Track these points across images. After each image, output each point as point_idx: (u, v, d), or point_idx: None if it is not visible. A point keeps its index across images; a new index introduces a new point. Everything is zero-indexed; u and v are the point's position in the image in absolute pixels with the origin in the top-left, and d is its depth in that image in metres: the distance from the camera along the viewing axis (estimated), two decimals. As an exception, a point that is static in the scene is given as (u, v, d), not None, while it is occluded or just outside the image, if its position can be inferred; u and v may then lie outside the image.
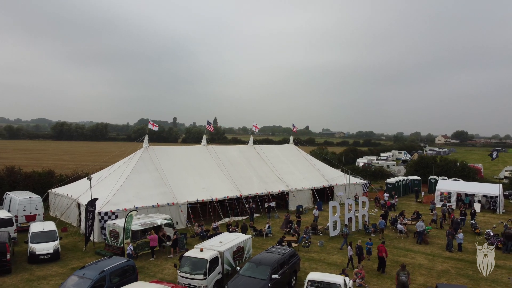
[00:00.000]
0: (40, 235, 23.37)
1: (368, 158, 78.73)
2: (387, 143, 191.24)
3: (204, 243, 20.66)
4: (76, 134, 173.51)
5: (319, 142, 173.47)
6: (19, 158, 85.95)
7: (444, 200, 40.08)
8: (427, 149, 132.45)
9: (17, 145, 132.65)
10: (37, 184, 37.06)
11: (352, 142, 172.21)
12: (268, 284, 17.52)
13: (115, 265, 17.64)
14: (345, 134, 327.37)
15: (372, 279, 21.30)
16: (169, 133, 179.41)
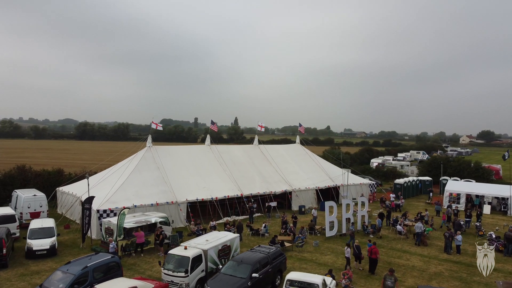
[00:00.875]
0: (38, 232, 24.13)
1: (382, 159, 77.57)
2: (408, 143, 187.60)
3: (191, 241, 20.92)
4: (98, 134, 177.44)
5: (338, 142, 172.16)
6: (40, 157, 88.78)
7: (450, 202, 39.15)
8: (449, 150, 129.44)
9: (41, 144, 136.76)
10: (46, 182, 38.21)
11: (372, 142, 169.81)
12: (248, 283, 17.61)
13: (99, 261, 18.09)
14: (366, 134, 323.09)
15: (360, 280, 21.09)
16: (189, 133, 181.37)
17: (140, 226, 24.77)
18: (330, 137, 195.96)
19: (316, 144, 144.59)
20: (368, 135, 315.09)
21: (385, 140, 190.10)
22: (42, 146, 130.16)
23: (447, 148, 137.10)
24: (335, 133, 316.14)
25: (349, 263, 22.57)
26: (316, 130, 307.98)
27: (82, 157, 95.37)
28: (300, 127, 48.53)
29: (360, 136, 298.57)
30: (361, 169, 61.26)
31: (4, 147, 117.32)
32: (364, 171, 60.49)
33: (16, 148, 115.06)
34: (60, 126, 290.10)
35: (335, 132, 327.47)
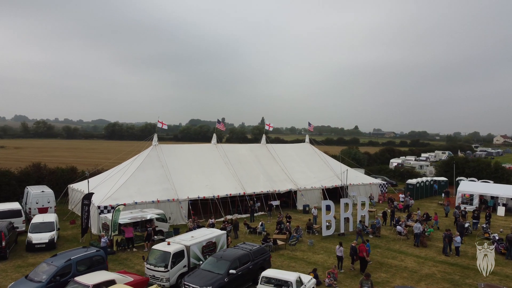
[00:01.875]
0: (39, 226, 25.18)
1: (402, 159, 75.86)
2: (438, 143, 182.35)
3: (176, 237, 21.30)
4: (126, 134, 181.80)
5: (363, 142, 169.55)
6: (67, 156, 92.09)
7: (459, 203, 37.94)
8: (478, 150, 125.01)
9: (71, 144, 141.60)
10: (60, 179, 39.68)
11: (398, 142, 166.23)
12: (224, 279, 17.78)
13: (83, 254, 18.75)
14: (396, 134, 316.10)
15: (346, 280, 20.86)
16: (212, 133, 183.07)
17: (134, 222, 25.39)
18: (355, 137, 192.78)
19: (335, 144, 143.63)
20: (397, 135, 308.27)
21: (412, 140, 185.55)
22: (71, 145, 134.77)
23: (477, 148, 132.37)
24: (363, 133, 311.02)
25: (341, 262, 22.34)
26: (344, 130, 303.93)
27: (107, 156, 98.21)
28: (309, 126, 48.23)
29: (388, 136, 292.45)
30: (378, 169, 60.24)
31: (36, 146, 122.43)
32: (381, 171, 59.46)
33: (47, 147, 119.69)
34: (92, 126, 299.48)
35: (363, 132, 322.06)
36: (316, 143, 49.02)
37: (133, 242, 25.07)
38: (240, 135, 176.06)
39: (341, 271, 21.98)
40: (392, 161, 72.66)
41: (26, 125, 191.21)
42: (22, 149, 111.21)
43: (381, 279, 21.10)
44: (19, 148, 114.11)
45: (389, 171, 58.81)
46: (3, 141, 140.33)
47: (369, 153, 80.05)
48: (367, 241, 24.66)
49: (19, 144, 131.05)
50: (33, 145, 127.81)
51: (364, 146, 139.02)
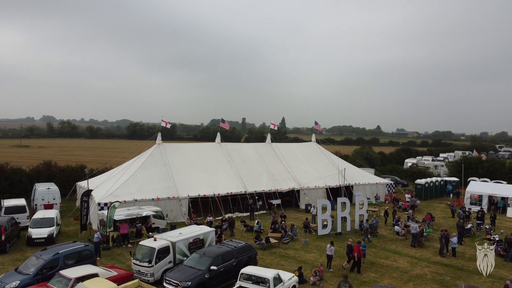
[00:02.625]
0: (39, 221, 26.04)
1: (418, 159, 74.43)
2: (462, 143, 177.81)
3: (163, 234, 21.70)
4: (147, 134, 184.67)
5: (383, 142, 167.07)
6: (87, 155, 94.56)
7: (463, 203, 37.01)
8: (502, 150, 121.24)
9: (93, 143, 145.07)
10: (70, 177, 40.83)
11: (420, 142, 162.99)
12: (205, 275, 18.03)
13: (71, 249, 19.38)
14: (419, 134, 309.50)
15: (333, 279, 20.74)
16: (232, 133, 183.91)
17: (130, 218, 25.92)
18: (375, 137, 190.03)
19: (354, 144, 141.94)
20: (420, 135, 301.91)
21: (434, 140, 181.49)
22: (93, 145, 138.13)
23: (501, 148, 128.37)
24: (385, 133, 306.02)
25: (330, 261, 22.23)
26: (365, 130, 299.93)
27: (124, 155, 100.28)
28: (316, 125, 48.01)
29: (411, 136, 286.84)
30: (390, 169, 59.35)
31: (60, 146, 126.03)
32: (392, 171, 58.55)
33: (69, 147, 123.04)
34: (116, 126, 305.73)
35: (385, 132, 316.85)
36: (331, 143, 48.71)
37: (128, 238, 25.62)
38: (259, 134, 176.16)
39: (330, 270, 21.89)
40: (407, 161, 71.39)
41: (52, 125, 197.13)
42: (45, 148, 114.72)
43: (369, 278, 20.92)
44: (42, 147, 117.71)
45: (401, 171, 57.81)
46: (29, 141, 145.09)
47: (384, 153, 78.91)
48: (362, 241, 24.46)
49: (44, 143, 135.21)
50: (57, 145, 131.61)
51: (384, 146, 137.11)
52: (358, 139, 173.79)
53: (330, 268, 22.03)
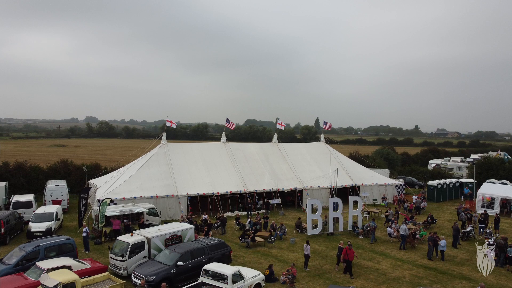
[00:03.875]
0: (40, 216, 27.58)
1: (446, 159, 71.78)
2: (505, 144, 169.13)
3: (142, 230, 22.48)
4: (180, 134, 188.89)
5: (417, 142, 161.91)
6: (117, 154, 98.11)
7: (465, 205, 35.50)
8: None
9: (127, 143, 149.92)
10: (83, 175, 42.71)
11: (456, 143, 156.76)
12: (171, 270, 18.59)
13: (52, 242, 20.55)
14: (460, 134, 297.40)
15: (305, 278, 20.73)
16: (263, 133, 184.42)
17: (122, 215, 26.93)
18: (409, 137, 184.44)
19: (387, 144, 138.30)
20: (462, 136, 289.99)
21: (473, 140, 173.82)
22: (126, 144, 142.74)
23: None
24: (423, 133, 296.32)
25: (307, 260, 22.15)
26: (402, 130, 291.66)
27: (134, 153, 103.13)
28: (325, 125, 47.60)
29: (451, 136, 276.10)
30: (409, 170, 57.77)
31: (95, 145, 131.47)
32: (411, 172, 56.97)
33: (104, 146, 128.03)
34: (153, 127, 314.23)
35: (424, 132, 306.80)
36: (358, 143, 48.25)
37: (120, 234, 26.58)
38: (289, 135, 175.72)
39: (306, 269, 21.81)
40: (431, 162, 69.09)
41: (91, 125, 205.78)
42: (80, 147, 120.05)
43: (343, 279, 20.75)
44: (78, 147, 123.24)
45: (420, 172, 56.08)
46: (68, 141, 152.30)
47: (408, 153, 76.72)
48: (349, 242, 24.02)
49: (80, 143, 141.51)
50: (92, 144, 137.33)
51: (417, 147, 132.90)
52: (390, 140, 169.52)
53: (306, 267, 21.98)
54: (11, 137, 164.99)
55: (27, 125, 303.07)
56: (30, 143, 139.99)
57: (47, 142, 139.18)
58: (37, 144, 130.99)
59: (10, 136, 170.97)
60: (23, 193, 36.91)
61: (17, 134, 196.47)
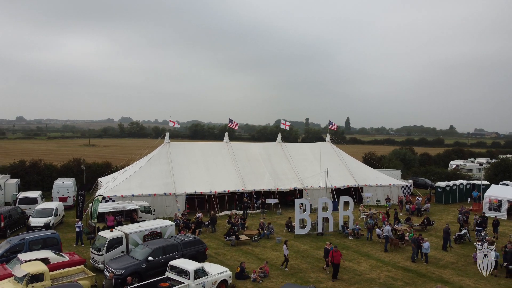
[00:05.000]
0: (40, 211, 29.08)
1: (469, 160, 69.29)
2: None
3: (124, 226, 23.32)
4: (207, 134, 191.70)
5: (448, 143, 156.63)
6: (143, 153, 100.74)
7: (465, 208, 34.23)
8: None
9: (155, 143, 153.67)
10: (95, 173, 44.46)
11: (490, 143, 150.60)
12: (141, 265, 19.28)
13: (36, 235, 21.73)
14: (499, 134, 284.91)
15: (278, 277, 20.88)
16: (289, 133, 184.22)
17: (113, 211, 27.93)
18: (440, 138, 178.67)
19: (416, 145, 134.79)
20: (500, 136, 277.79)
21: (507, 141, 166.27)
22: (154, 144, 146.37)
23: None
24: (459, 133, 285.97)
25: (287, 261, 22.18)
26: (435, 130, 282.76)
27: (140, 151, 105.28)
28: (332, 125, 47.18)
29: (489, 136, 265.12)
30: (423, 171, 56.28)
31: (123, 145, 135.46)
32: (427, 173, 55.47)
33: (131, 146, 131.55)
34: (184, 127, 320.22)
35: (460, 132, 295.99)
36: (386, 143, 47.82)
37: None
38: (316, 135, 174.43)
39: (285, 269, 21.79)
40: (451, 163, 66.82)
41: (122, 126, 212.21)
42: (109, 147, 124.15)
43: (315, 279, 20.76)
44: (107, 146, 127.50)
45: (435, 173, 54.48)
46: (99, 140, 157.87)
47: (429, 154, 74.59)
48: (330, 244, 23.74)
49: (110, 143, 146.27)
50: (122, 144, 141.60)
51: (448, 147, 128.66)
52: (420, 140, 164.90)
53: (286, 267, 21.94)
54: (47, 137, 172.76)
55: (65, 125, 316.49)
56: (64, 142, 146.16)
57: (79, 142, 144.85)
58: (70, 144, 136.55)
59: (46, 136, 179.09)
60: (36, 190, 38.89)
61: (55, 134, 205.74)
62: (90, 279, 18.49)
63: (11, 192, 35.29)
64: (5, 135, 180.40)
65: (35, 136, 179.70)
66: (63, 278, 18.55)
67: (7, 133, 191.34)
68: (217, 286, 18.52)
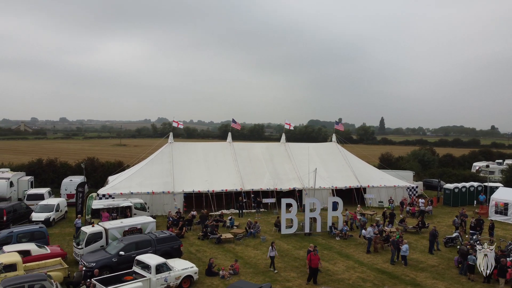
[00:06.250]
0: (43, 207, 30.84)
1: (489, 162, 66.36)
2: None
3: (106, 222, 24.38)
4: (237, 134, 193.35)
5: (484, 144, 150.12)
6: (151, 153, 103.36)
7: (463, 210, 32.89)
8: None
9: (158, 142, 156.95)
10: (107, 171, 46.27)
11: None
12: (112, 259, 20.19)
13: (24, 229, 23.19)
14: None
15: (248, 275, 21.21)
16: (318, 133, 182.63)
17: (108, 208, 29.13)
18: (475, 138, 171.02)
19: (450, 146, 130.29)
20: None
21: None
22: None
23: None
24: (501, 134, 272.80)
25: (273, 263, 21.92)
26: (475, 130, 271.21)
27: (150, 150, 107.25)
28: (338, 125, 46.80)
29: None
30: (440, 172, 54.57)
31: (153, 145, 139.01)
32: (443, 174, 53.76)
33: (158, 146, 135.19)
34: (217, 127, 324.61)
35: (503, 133, 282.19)
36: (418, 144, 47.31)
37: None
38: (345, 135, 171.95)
39: (274, 271, 21.52)
40: (475, 165, 64.28)
41: (155, 126, 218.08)
42: (138, 147, 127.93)
43: (284, 278, 20.92)
44: (137, 146, 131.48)
45: (452, 175, 52.67)
46: (132, 140, 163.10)
47: (452, 155, 72.01)
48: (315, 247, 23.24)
49: (142, 143, 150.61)
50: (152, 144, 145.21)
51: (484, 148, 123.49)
52: (454, 141, 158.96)
53: (272, 268, 21.73)
54: (83, 137, 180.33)
55: (104, 126, 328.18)
56: (98, 142, 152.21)
57: (112, 142, 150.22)
58: (103, 144, 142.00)
59: (83, 136, 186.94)
60: (53, 187, 41.10)
61: (92, 134, 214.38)
62: (63, 270, 19.59)
63: (23, 189, 37.46)
64: (46, 135, 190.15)
65: (73, 136, 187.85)
66: (40, 269, 19.71)
67: (48, 133, 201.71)
68: (182, 281, 19.11)
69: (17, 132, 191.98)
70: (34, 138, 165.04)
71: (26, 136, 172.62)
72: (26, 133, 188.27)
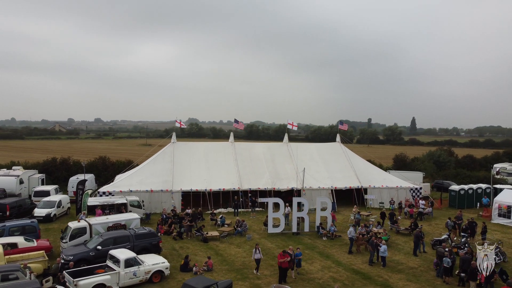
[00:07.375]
0: (45, 203, 32.39)
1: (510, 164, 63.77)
2: None
3: (92, 218, 25.40)
4: (262, 134, 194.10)
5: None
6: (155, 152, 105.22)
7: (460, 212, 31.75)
8: None
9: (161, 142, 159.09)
10: (117, 170, 47.83)
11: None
12: (90, 253, 21.11)
13: (16, 223, 24.55)
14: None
15: (221, 272, 21.60)
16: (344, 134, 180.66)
17: (102, 205, 30.27)
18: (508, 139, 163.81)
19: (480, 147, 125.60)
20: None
21: None
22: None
23: None
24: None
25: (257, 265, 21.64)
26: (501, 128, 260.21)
27: None
28: (341, 125, 46.38)
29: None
30: (454, 174, 53.00)
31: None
32: (457, 175, 52.21)
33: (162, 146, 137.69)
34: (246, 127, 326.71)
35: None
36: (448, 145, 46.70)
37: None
38: (371, 136, 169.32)
39: (257, 273, 21.36)
40: (495, 166, 61.85)
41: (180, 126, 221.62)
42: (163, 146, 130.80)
43: (256, 277, 21.13)
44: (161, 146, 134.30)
45: (466, 177, 51.03)
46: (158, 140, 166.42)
47: (473, 156, 69.56)
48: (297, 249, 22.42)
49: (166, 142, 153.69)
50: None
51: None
52: (486, 141, 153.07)
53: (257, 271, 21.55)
54: (113, 137, 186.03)
55: (136, 126, 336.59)
56: (126, 142, 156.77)
57: (139, 142, 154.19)
58: (130, 144, 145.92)
59: (113, 136, 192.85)
60: (65, 184, 42.94)
61: (122, 134, 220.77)
62: (43, 263, 20.68)
63: (34, 186, 39.39)
64: (78, 135, 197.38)
65: (104, 136, 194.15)
66: (24, 261, 20.88)
67: (81, 134, 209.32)
68: (152, 275, 19.75)
69: (52, 132, 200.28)
70: (66, 138, 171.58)
71: (59, 136, 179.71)
72: (60, 133, 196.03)
